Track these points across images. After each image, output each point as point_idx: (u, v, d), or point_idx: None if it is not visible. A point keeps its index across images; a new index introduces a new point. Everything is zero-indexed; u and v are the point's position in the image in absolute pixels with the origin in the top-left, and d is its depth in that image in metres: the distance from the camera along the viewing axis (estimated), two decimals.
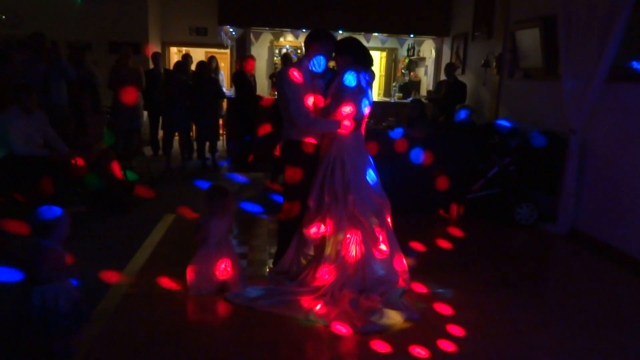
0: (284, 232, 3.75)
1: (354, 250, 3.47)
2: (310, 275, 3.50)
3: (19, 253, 2.61)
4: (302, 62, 3.55)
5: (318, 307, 3.23)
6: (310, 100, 3.48)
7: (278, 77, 3.60)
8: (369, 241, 3.50)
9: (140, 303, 3.28)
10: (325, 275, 3.45)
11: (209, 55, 9.68)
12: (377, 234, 3.50)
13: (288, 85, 3.40)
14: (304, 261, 3.60)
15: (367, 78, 3.51)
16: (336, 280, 3.40)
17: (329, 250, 3.47)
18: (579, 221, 5.04)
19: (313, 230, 3.51)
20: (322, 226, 3.50)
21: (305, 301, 3.29)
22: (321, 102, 3.55)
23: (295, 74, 3.40)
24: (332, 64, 3.88)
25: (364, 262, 3.49)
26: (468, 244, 4.75)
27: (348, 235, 3.45)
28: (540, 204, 5.38)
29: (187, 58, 8.77)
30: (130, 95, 7.30)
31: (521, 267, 4.26)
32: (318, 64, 3.48)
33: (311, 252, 3.59)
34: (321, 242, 3.53)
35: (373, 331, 3.02)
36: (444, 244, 4.69)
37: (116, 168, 5.56)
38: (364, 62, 3.53)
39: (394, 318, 3.16)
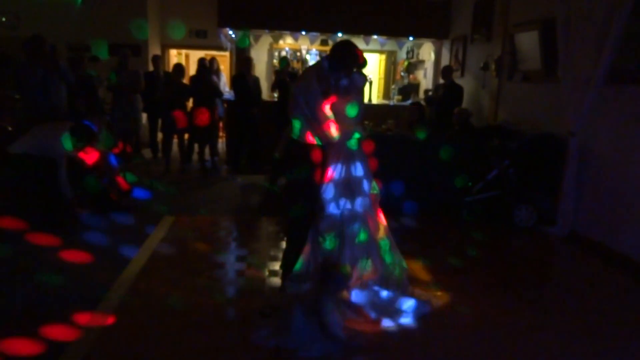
0: (294, 233, 3.65)
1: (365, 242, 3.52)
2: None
3: None
4: (333, 78, 3.37)
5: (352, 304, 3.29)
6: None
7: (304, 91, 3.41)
8: (375, 233, 3.56)
9: (138, 305, 3.27)
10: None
11: (209, 57, 9.66)
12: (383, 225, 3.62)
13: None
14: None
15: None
16: (357, 275, 3.45)
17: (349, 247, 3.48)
18: (579, 224, 5.04)
19: (330, 226, 3.49)
20: (339, 223, 3.49)
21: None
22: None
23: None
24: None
25: (377, 254, 3.54)
26: (467, 247, 4.75)
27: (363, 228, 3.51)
28: (539, 207, 5.38)
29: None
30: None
31: (520, 270, 4.25)
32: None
33: None
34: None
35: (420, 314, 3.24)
36: (444, 246, 4.70)
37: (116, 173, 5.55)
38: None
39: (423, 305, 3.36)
